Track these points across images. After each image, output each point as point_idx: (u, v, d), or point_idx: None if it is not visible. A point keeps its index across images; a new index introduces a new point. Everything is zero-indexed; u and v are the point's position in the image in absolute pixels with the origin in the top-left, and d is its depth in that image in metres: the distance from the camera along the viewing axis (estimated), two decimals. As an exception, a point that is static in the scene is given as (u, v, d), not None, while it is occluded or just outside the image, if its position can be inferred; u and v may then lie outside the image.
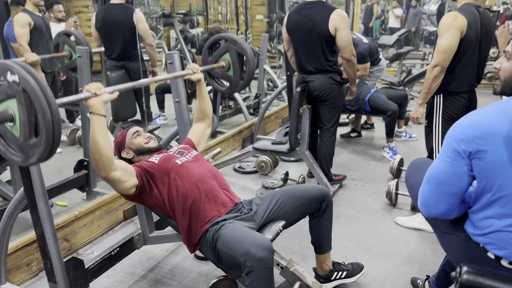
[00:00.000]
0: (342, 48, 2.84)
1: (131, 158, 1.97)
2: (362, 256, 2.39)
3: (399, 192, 2.99)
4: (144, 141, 1.97)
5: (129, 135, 1.99)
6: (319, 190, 1.92)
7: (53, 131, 1.23)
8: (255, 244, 1.52)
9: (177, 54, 2.28)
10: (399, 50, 6.49)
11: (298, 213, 1.90)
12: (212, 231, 1.70)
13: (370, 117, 4.81)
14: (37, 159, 1.28)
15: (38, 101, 1.19)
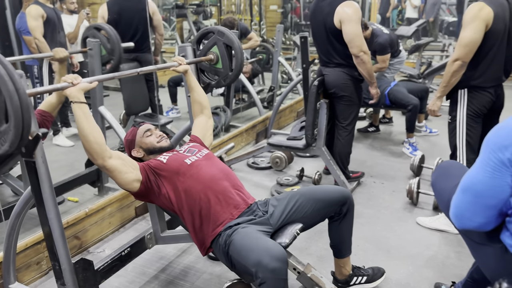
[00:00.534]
0: (348, 43, 2.67)
1: (141, 157, 1.89)
2: (382, 259, 2.29)
3: (421, 191, 2.86)
4: (155, 140, 1.89)
5: (140, 133, 1.90)
6: (340, 192, 1.81)
7: (22, 116, 1.22)
8: (268, 254, 1.43)
9: (190, 46, 2.20)
10: (419, 41, 6.28)
11: (317, 216, 1.80)
12: (225, 236, 1.62)
13: (388, 111, 4.66)
14: (9, 145, 1.24)
15: (4, 85, 1.18)
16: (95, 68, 2.77)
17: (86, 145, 1.53)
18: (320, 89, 2.86)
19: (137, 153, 1.89)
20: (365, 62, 2.70)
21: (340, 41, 2.71)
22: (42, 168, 1.57)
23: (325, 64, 2.87)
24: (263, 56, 5.44)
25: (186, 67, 1.99)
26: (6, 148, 1.27)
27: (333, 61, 2.81)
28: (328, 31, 2.71)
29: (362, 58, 2.67)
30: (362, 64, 2.71)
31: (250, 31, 4.90)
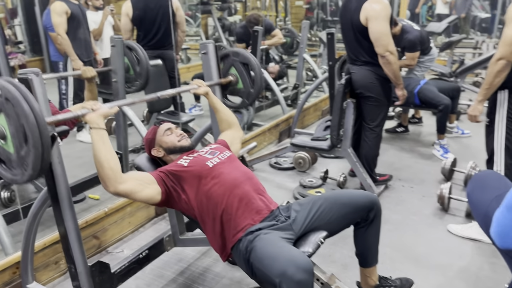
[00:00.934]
0: (373, 42, 2.54)
1: (161, 156, 1.83)
2: (410, 268, 2.16)
3: (453, 197, 2.71)
4: (176, 139, 1.82)
5: (160, 132, 1.85)
6: (367, 197, 1.71)
7: (39, 135, 1.23)
8: (293, 264, 1.34)
9: (212, 44, 2.15)
10: (451, 38, 6.05)
11: (342, 222, 1.70)
12: (246, 242, 1.54)
13: (418, 110, 4.48)
14: (32, 169, 1.24)
15: (19, 106, 1.19)
16: (118, 67, 2.73)
17: (100, 171, 1.47)
18: (347, 88, 2.74)
19: (157, 152, 1.83)
20: (390, 63, 2.56)
21: (367, 38, 2.58)
22: (58, 169, 1.53)
23: (352, 62, 2.75)
24: (287, 40, 5.35)
25: (206, 89, 1.95)
26: (29, 172, 1.27)
27: (361, 59, 2.68)
28: (355, 28, 2.59)
29: (388, 59, 2.54)
30: (387, 65, 2.58)
31: (274, 28, 4.80)
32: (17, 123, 1.24)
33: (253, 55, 2.23)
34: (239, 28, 4.82)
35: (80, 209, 2.82)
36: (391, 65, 2.57)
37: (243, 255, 1.54)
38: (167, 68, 3.63)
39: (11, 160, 1.32)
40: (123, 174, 1.50)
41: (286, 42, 5.31)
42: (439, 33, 8.03)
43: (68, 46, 3.54)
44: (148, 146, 1.87)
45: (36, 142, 1.23)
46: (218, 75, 2.18)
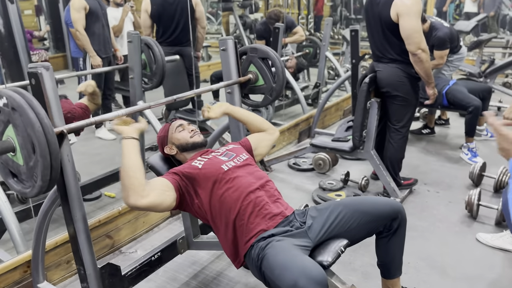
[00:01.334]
0: (404, 39, 2.40)
1: (174, 154, 1.76)
2: (436, 280, 2.04)
3: (482, 203, 2.56)
4: (188, 135, 1.75)
5: (172, 129, 1.78)
6: (391, 205, 1.60)
7: (46, 143, 1.20)
8: (305, 275, 1.24)
9: (232, 40, 2.06)
10: (480, 37, 5.82)
11: (363, 231, 1.60)
12: (258, 249, 1.45)
13: (445, 112, 4.30)
14: (41, 180, 1.22)
15: (25, 114, 1.17)
16: (135, 63, 2.68)
17: (126, 181, 1.42)
18: (372, 86, 2.62)
19: (170, 150, 1.76)
20: (422, 61, 2.42)
21: (396, 35, 2.45)
22: (68, 167, 1.46)
23: (378, 59, 2.62)
24: (310, 50, 5.22)
25: (220, 110, 1.85)
26: (39, 183, 1.25)
27: (388, 57, 2.55)
28: (384, 24, 2.46)
29: (419, 56, 2.40)
30: (419, 63, 2.44)
31: (296, 25, 4.69)
32: (24, 132, 1.21)
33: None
34: (260, 25, 4.73)
35: (96, 206, 2.79)
36: (423, 63, 2.43)
37: (255, 263, 1.46)
38: (186, 65, 3.57)
39: (21, 173, 1.29)
40: (146, 187, 1.43)
41: (308, 52, 5.19)
42: (468, 32, 7.77)
43: (87, 42, 3.52)
44: (161, 144, 1.80)
45: (43, 151, 1.20)
46: (238, 73, 2.10)
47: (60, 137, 1.38)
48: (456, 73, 5.01)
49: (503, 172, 2.84)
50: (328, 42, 4.77)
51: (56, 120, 1.38)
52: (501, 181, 2.84)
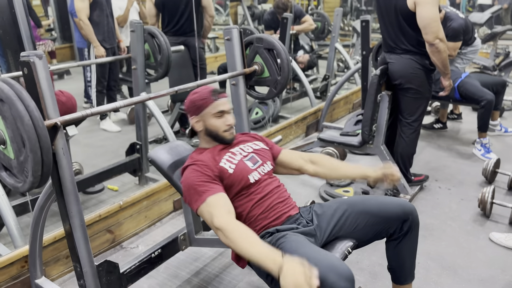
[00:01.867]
0: (422, 28, 2.29)
1: (198, 130, 1.59)
2: (447, 281, 1.96)
3: (496, 201, 2.46)
4: (223, 128, 1.55)
5: (212, 107, 1.54)
6: (401, 206, 1.50)
7: (37, 137, 1.14)
8: (334, 272, 1.18)
9: (237, 29, 1.98)
10: (494, 30, 5.64)
11: (371, 233, 1.51)
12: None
13: (457, 106, 4.18)
14: (32, 175, 1.16)
15: (14, 107, 1.11)
16: (138, 53, 2.61)
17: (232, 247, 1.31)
18: (383, 79, 2.52)
19: (197, 124, 1.57)
20: (440, 51, 2.31)
21: (412, 25, 2.34)
22: (63, 161, 1.40)
23: (390, 50, 2.51)
24: (318, 25, 5.12)
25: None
26: (30, 179, 1.20)
27: (401, 47, 2.44)
28: (399, 13, 2.35)
29: (437, 47, 2.29)
30: (436, 53, 2.33)
31: (304, 14, 4.57)
32: (14, 126, 1.15)
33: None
34: (267, 14, 4.63)
35: (98, 200, 2.75)
36: (440, 54, 2.33)
37: None
38: (191, 56, 3.49)
39: (13, 167, 1.24)
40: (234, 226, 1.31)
41: (317, 27, 5.08)
42: (482, 24, 7.58)
43: (90, 32, 3.46)
44: (190, 109, 1.58)
45: (34, 145, 1.15)
46: (243, 64, 2.02)
47: (54, 129, 1.32)
48: (469, 66, 4.87)
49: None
50: (338, 34, 4.65)
51: (49, 111, 1.31)
52: (516, 179, 2.74)
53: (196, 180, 1.43)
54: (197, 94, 1.57)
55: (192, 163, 1.49)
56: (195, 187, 1.41)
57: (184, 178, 1.48)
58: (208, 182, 1.42)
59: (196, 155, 1.55)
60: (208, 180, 1.43)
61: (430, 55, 2.36)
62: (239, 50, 1.99)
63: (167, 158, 1.76)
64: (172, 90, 1.71)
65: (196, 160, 1.50)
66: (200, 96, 1.55)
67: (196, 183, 1.42)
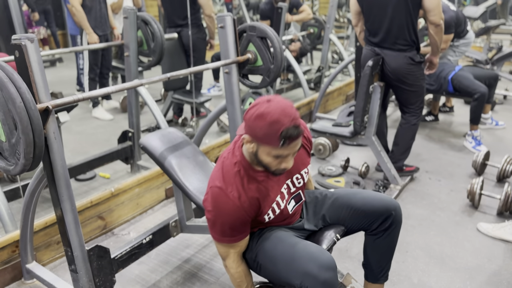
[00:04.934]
0: (431, 10, 2.36)
1: (249, 151, 1.27)
2: (434, 270, 1.99)
3: (484, 193, 2.49)
4: (275, 168, 1.26)
5: (274, 149, 1.19)
6: (384, 202, 1.46)
7: (29, 119, 1.14)
8: (315, 263, 1.19)
9: (230, 16, 1.97)
10: (488, 24, 5.67)
11: (354, 226, 1.50)
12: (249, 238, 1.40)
13: (449, 98, 4.21)
14: (24, 157, 1.16)
15: (6, 89, 1.11)
16: (131, 40, 2.60)
17: None
18: (375, 70, 2.53)
19: (250, 146, 1.23)
20: (442, 31, 2.46)
21: (416, 13, 2.43)
22: (54, 145, 1.40)
23: (387, 46, 2.51)
24: (315, 30, 5.10)
25: None
26: (22, 161, 1.19)
27: (400, 43, 2.47)
28: (410, 3, 2.38)
29: (442, 27, 2.42)
30: (439, 33, 2.45)
31: (301, 3, 4.55)
32: (5, 108, 1.14)
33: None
34: (264, 4, 4.59)
35: (90, 187, 2.75)
36: (442, 33, 2.47)
37: (248, 254, 1.41)
38: (184, 46, 3.47)
39: (4, 149, 1.23)
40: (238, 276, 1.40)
41: (313, 32, 5.06)
42: (476, 18, 7.60)
43: (83, 19, 3.42)
44: (249, 129, 1.21)
45: (26, 127, 1.14)
46: (236, 52, 2.01)
47: (45, 113, 1.32)
48: (463, 60, 4.90)
49: (507, 161, 2.77)
50: (333, 25, 4.64)
51: (41, 95, 1.30)
52: (505, 171, 2.77)
53: (228, 220, 1.27)
54: (264, 123, 1.16)
55: (233, 196, 1.26)
56: (224, 227, 1.29)
57: (215, 203, 1.27)
58: (239, 227, 1.30)
59: (232, 179, 1.29)
60: (240, 226, 1.30)
61: (433, 35, 2.45)
62: (232, 38, 1.98)
63: (159, 145, 1.77)
64: (165, 76, 1.71)
65: (238, 194, 1.27)
66: (266, 130, 1.17)
67: (227, 224, 1.28)
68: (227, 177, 1.29)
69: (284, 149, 1.19)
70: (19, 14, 2.90)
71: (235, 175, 1.29)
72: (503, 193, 2.38)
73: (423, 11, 2.42)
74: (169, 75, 1.74)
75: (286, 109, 1.17)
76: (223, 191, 1.27)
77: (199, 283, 1.90)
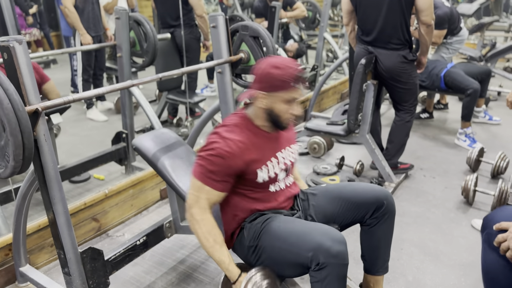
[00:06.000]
0: (423, 11, 2.36)
1: (258, 106, 1.38)
2: (429, 267, 1.99)
3: (478, 189, 2.50)
4: (287, 116, 1.38)
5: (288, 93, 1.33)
6: (374, 192, 1.48)
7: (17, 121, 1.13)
8: (328, 237, 1.24)
9: (222, 16, 1.97)
10: (482, 20, 5.68)
11: (348, 219, 1.51)
12: (253, 227, 1.41)
13: (444, 96, 4.22)
14: (13, 160, 1.15)
15: None
16: (123, 41, 2.59)
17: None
18: (368, 68, 2.53)
19: (261, 101, 1.35)
20: (433, 31, 2.48)
21: (409, 12, 2.43)
22: (45, 147, 1.39)
23: (380, 45, 2.51)
24: (309, 14, 5.10)
25: None
26: (12, 164, 1.19)
27: (394, 42, 2.48)
28: (403, 1, 2.38)
29: (433, 27, 2.44)
30: (430, 33, 2.46)
31: (296, 1, 4.55)
32: None
33: (270, 32, 2.05)
34: (258, 2, 4.57)
35: (84, 189, 2.74)
36: (432, 33, 2.48)
37: (248, 243, 1.41)
38: (178, 46, 3.47)
39: None
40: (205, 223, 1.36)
41: (308, 16, 5.06)
42: (470, 15, 7.61)
43: (76, 20, 3.41)
44: (262, 82, 1.34)
45: (14, 129, 1.14)
46: (229, 51, 2.01)
47: (35, 115, 1.31)
48: (456, 57, 4.91)
49: (501, 158, 2.78)
50: (327, 23, 4.64)
51: (30, 97, 1.30)
52: (499, 167, 2.78)
53: (212, 164, 1.32)
54: (279, 70, 1.31)
55: (223, 138, 1.34)
56: (206, 166, 1.33)
57: (208, 143, 1.35)
58: (221, 175, 1.33)
59: (233, 128, 1.38)
60: (222, 175, 1.33)
61: (423, 35, 2.45)
62: (225, 37, 1.98)
63: (152, 146, 1.76)
64: (156, 76, 1.71)
65: (229, 140, 1.34)
66: (282, 75, 1.31)
67: (210, 166, 1.32)
68: (227, 126, 1.40)
69: (298, 91, 1.35)
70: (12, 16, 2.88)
71: (235, 126, 1.40)
72: (497, 190, 2.38)
73: (416, 10, 2.42)
74: (161, 75, 1.73)
75: (290, 60, 1.37)
76: (219, 134, 1.37)
77: (194, 284, 1.89)
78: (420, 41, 2.52)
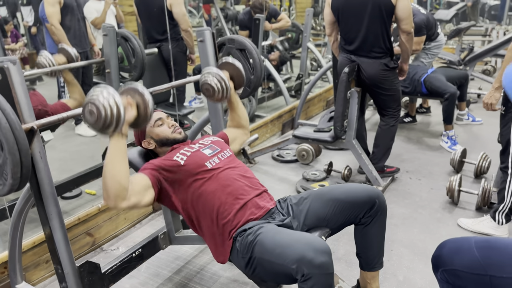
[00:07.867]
0: (403, 19, 2.46)
1: (153, 148, 1.70)
2: (418, 266, 2.05)
3: (463, 189, 2.59)
4: (169, 131, 1.67)
5: (150, 122, 1.69)
6: (367, 191, 1.55)
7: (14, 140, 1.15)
8: (311, 247, 1.24)
9: (209, 31, 2.02)
10: (459, 26, 5.86)
11: (341, 219, 1.56)
12: (244, 240, 1.43)
13: (426, 100, 4.34)
14: (11, 177, 1.17)
15: None
16: (111, 56, 2.63)
17: (107, 183, 1.33)
18: (351, 76, 2.61)
19: (148, 144, 1.69)
20: (412, 39, 2.58)
21: (390, 21, 2.52)
22: (40, 164, 1.42)
23: (363, 54, 2.60)
24: (292, 35, 5.19)
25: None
26: (10, 181, 1.21)
27: (376, 51, 2.57)
28: (384, 10, 2.46)
29: (412, 35, 2.54)
30: (410, 41, 2.56)
31: (279, 12, 4.65)
32: None
33: (254, 44, 2.12)
34: (243, 14, 4.65)
35: (76, 204, 2.74)
36: (412, 41, 2.58)
37: (242, 254, 1.43)
38: (165, 60, 3.51)
39: None
40: (128, 190, 1.37)
41: (291, 37, 5.16)
42: (447, 20, 7.84)
43: (63, 37, 3.43)
44: (137, 138, 1.73)
45: (12, 148, 1.16)
46: (216, 64, 2.06)
47: (31, 133, 1.34)
48: (436, 62, 5.05)
49: (483, 158, 2.88)
50: (310, 33, 4.75)
51: (25, 116, 1.33)
52: (481, 167, 2.88)
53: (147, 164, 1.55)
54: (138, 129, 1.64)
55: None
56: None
57: None
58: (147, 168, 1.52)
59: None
60: (149, 168, 1.52)
61: (404, 43, 2.55)
62: (212, 51, 2.03)
63: (143, 159, 1.79)
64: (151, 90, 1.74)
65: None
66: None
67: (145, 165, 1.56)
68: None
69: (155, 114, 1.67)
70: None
71: None
72: (480, 189, 2.47)
73: (396, 19, 2.51)
74: (151, 90, 1.77)
75: None
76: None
77: (190, 293, 1.92)
78: (401, 49, 2.61)
